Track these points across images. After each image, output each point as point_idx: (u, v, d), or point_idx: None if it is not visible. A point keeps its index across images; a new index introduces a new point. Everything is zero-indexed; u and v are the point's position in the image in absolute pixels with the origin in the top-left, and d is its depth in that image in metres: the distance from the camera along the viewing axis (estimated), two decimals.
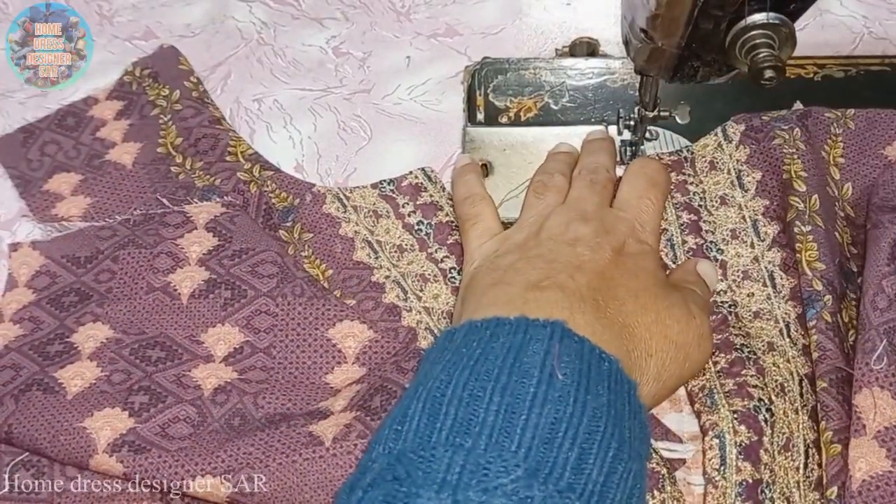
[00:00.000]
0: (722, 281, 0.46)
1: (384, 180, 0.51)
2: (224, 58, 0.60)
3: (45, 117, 0.56)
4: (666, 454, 0.41)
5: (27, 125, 0.56)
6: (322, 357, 0.44)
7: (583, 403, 0.30)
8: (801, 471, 0.39)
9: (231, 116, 0.57)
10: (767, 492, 0.38)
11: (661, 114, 0.48)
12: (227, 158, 0.52)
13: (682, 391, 0.43)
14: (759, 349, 0.43)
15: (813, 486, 0.39)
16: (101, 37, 0.62)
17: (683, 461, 0.41)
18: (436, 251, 0.48)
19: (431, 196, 0.50)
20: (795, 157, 0.47)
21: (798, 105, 0.51)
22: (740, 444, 0.39)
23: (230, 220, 0.48)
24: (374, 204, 0.50)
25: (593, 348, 0.32)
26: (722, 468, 0.38)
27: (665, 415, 0.42)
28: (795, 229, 0.45)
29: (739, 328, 0.44)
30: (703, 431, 0.40)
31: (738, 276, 0.46)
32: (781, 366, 0.42)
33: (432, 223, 0.49)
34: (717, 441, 0.39)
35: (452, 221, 0.49)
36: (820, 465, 0.39)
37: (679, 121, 0.49)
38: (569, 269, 0.38)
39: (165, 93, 0.56)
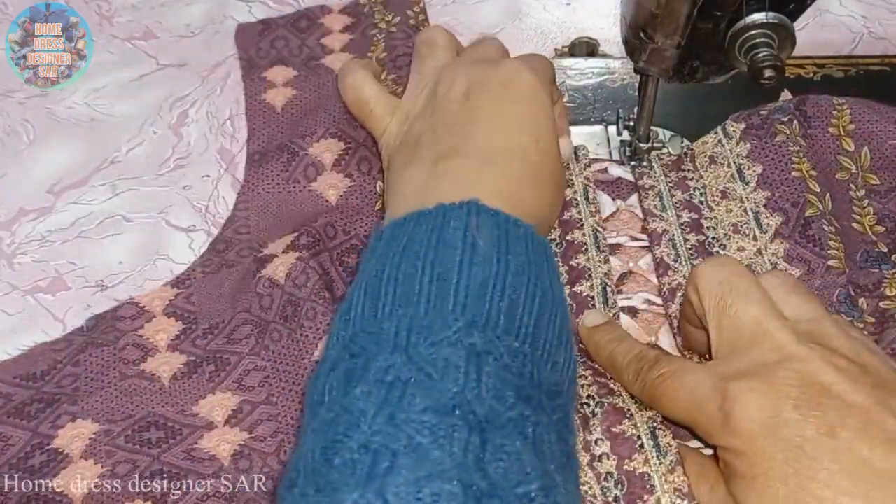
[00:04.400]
0: None
1: None
2: (224, 58, 0.60)
3: (284, 15, 0.60)
4: None
5: (267, 18, 0.61)
6: None
7: (506, 262, 0.34)
8: None
9: (231, 116, 0.56)
10: None
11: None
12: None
13: None
14: None
15: None
16: (100, 37, 0.62)
17: None
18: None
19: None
20: (802, 154, 0.48)
21: (786, 94, 0.51)
22: None
23: (188, 301, 0.47)
24: None
25: (507, 217, 0.36)
26: None
27: None
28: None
29: None
30: None
31: None
32: None
33: None
34: None
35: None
36: None
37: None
38: (465, 129, 0.41)
39: (389, 18, 0.59)
